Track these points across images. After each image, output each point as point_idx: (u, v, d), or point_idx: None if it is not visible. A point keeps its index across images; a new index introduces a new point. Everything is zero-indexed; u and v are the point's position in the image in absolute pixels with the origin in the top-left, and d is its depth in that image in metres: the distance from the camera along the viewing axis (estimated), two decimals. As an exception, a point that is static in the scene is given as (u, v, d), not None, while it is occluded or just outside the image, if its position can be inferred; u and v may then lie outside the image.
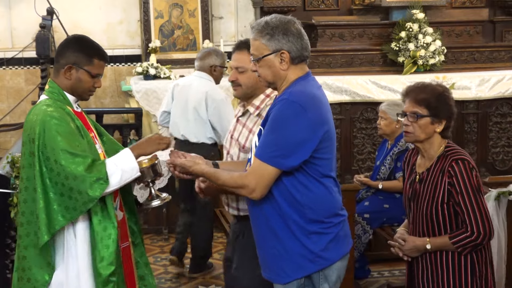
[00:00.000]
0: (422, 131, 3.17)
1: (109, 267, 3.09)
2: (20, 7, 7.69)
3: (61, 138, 3.02)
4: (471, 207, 3.07)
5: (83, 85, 3.18)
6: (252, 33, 2.83)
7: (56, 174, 3.02)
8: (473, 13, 7.79)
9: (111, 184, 3.05)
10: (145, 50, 7.55)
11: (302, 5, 7.64)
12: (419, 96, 3.18)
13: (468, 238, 3.06)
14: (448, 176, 3.09)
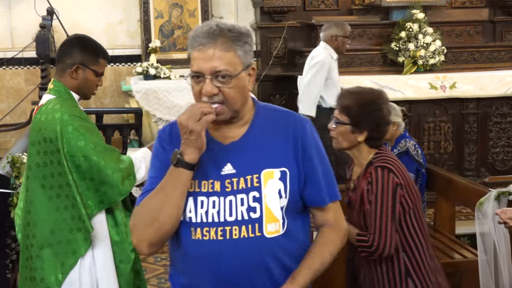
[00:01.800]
0: (344, 139, 3.08)
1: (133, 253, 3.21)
2: (20, 7, 7.69)
3: (87, 134, 3.07)
4: (374, 218, 2.95)
5: (89, 84, 3.22)
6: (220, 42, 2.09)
7: (86, 169, 3.06)
8: (473, 13, 7.80)
9: (137, 180, 3.14)
10: (145, 50, 7.55)
11: (302, 5, 7.65)
12: (344, 103, 3.07)
13: (365, 243, 2.97)
14: (367, 183, 3.00)
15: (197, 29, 2.12)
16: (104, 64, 3.28)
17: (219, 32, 2.10)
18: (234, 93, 2.10)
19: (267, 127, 2.20)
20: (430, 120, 6.99)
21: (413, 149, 4.95)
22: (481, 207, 4.05)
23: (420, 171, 4.97)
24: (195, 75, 2.10)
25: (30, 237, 3.16)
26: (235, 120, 2.17)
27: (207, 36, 2.09)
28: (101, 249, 3.15)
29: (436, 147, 7.01)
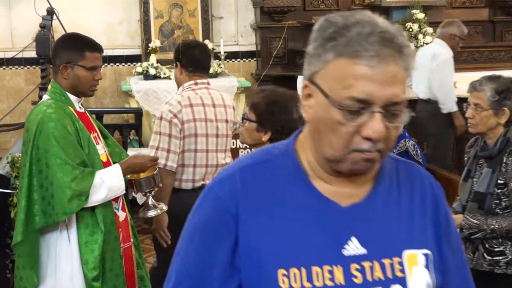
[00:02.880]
0: (248, 136, 2.94)
1: (92, 271, 3.07)
2: (20, 7, 7.69)
3: (55, 143, 3.00)
4: None
5: (83, 81, 3.15)
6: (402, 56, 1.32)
7: (44, 177, 3.01)
8: (473, 13, 7.81)
9: (90, 202, 3.03)
10: (145, 50, 7.55)
11: (302, 5, 7.66)
12: (253, 100, 2.95)
13: None
14: None
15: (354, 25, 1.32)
16: (92, 57, 3.14)
17: (402, 41, 1.31)
18: (396, 135, 1.35)
19: (397, 186, 1.46)
20: (430, 120, 6.98)
21: (413, 149, 4.95)
22: (481, 207, 4.05)
23: (420, 171, 4.97)
24: (357, 103, 1.29)
25: None
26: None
27: (384, 43, 1.29)
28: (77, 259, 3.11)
29: (436, 147, 7.01)
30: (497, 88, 3.13)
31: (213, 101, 3.84)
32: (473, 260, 3.22)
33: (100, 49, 3.20)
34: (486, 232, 3.09)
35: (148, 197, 3.31)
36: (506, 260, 3.12)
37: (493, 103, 3.13)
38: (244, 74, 7.94)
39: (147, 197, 3.31)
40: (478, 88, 3.19)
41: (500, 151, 3.14)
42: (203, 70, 3.84)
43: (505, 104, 3.12)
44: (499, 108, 3.13)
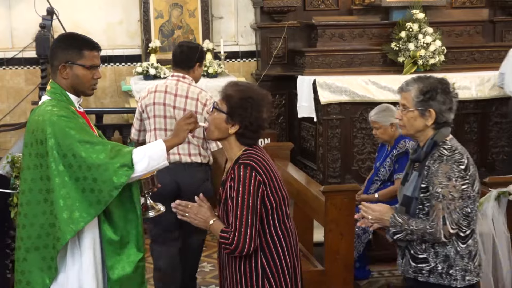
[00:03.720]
0: (215, 127, 3.03)
1: (139, 254, 3.13)
2: (20, 7, 7.69)
3: (74, 132, 3.01)
4: (235, 216, 2.93)
5: (82, 80, 3.16)
6: None
7: (77, 168, 3.00)
8: (473, 13, 7.81)
9: (136, 170, 3.02)
10: (145, 50, 7.55)
11: (302, 5, 7.65)
12: (227, 91, 3.03)
13: (226, 240, 2.95)
14: (231, 179, 2.97)
15: None
16: (91, 56, 3.15)
17: None
18: None
19: None
20: (430, 120, 6.99)
21: (413, 149, 4.95)
22: (481, 207, 4.04)
23: (420, 171, 4.97)
24: None
25: (19, 239, 3.15)
26: None
27: None
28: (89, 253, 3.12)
29: (436, 147, 7.00)
30: (422, 88, 3.08)
31: (176, 91, 4.62)
32: (402, 266, 3.21)
33: (98, 47, 3.20)
34: (406, 233, 3.04)
35: (147, 198, 3.32)
36: (429, 267, 3.08)
37: (418, 103, 3.07)
38: (244, 74, 7.94)
39: (145, 198, 3.32)
40: (405, 89, 3.14)
41: (427, 155, 3.08)
42: (179, 66, 4.71)
43: (430, 105, 3.07)
44: (425, 109, 3.07)
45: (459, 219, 3.00)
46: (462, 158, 3.03)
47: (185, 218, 3.08)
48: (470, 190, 3.02)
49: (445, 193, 2.97)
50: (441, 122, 3.09)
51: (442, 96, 3.07)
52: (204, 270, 5.52)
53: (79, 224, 3.02)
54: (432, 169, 3.02)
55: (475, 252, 3.11)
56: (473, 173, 3.05)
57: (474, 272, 3.09)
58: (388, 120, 5.02)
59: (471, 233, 3.08)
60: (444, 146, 3.06)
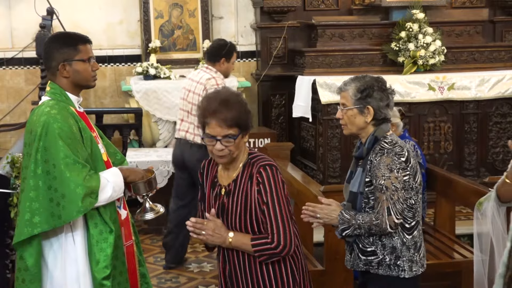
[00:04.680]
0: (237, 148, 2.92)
1: (104, 270, 3.09)
2: (20, 7, 7.69)
3: (62, 143, 3.01)
4: (274, 216, 2.88)
5: (83, 74, 3.19)
6: None
7: (53, 178, 3.00)
8: (473, 13, 7.80)
9: (99, 201, 3.06)
10: (145, 50, 7.55)
11: (302, 5, 7.65)
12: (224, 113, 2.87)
13: (268, 245, 2.88)
14: (257, 183, 2.90)
15: None
16: (86, 49, 3.18)
17: None
18: None
19: None
20: (430, 120, 6.99)
21: (413, 150, 4.95)
22: (481, 207, 4.03)
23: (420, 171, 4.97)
24: None
25: None
26: None
27: None
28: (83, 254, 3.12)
29: (436, 147, 7.01)
30: (359, 87, 3.17)
31: (195, 78, 5.53)
32: (350, 261, 3.28)
33: (90, 40, 3.27)
34: (354, 228, 3.12)
35: (146, 200, 3.33)
36: (378, 260, 3.16)
37: (356, 101, 3.16)
38: (244, 74, 7.94)
39: (144, 200, 3.33)
40: (343, 88, 3.23)
41: (369, 150, 3.17)
42: (207, 58, 5.63)
43: (368, 102, 3.15)
44: (363, 106, 3.15)
45: (403, 209, 3.10)
46: (403, 150, 3.12)
47: (201, 237, 2.95)
48: (412, 182, 3.12)
49: (388, 185, 3.07)
50: (380, 118, 3.18)
51: (379, 93, 3.17)
52: (204, 270, 5.52)
53: (35, 229, 3.02)
54: (374, 162, 3.12)
55: (420, 243, 3.22)
56: (414, 165, 3.14)
57: (420, 263, 3.22)
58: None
59: (416, 224, 3.18)
60: (385, 140, 3.16)
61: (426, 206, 5.11)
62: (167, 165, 6.24)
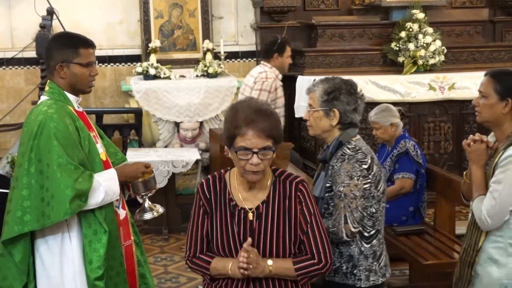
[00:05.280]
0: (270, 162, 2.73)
1: (97, 271, 3.08)
2: (20, 7, 7.69)
3: (57, 143, 3.00)
4: (319, 235, 2.74)
5: (80, 78, 3.17)
6: None
7: (45, 177, 3.00)
8: (473, 13, 7.80)
9: (88, 204, 3.05)
10: (145, 50, 7.54)
11: (302, 5, 7.65)
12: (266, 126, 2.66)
13: (314, 266, 2.73)
14: (299, 202, 2.74)
15: None
16: (87, 53, 3.16)
17: None
18: None
19: None
20: (430, 120, 6.99)
21: (413, 150, 4.95)
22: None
23: (420, 171, 4.97)
24: None
25: None
26: None
27: None
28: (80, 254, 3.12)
29: (436, 147, 7.01)
30: (327, 89, 3.10)
31: (251, 72, 6.23)
32: None
33: (93, 44, 3.22)
34: None
35: (145, 200, 3.33)
36: (334, 267, 3.07)
37: (322, 103, 3.09)
38: (244, 74, 7.91)
39: (143, 200, 3.33)
40: (311, 89, 3.17)
41: (333, 155, 3.10)
42: (262, 55, 6.44)
43: (334, 104, 3.08)
44: (329, 109, 3.08)
45: (362, 218, 3.03)
46: (365, 157, 3.05)
47: (248, 272, 2.67)
48: (374, 190, 3.04)
49: (346, 192, 3.00)
50: (346, 122, 3.11)
51: (346, 97, 3.09)
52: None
53: (25, 227, 3.02)
54: (335, 168, 3.05)
55: (380, 253, 3.13)
56: (376, 173, 3.07)
57: (380, 273, 3.12)
58: (388, 120, 5.02)
59: (376, 233, 3.11)
60: (348, 146, 3.08)
61: (426, 206, 5.11)
62: (167, 165, 6.24)
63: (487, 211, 3.02)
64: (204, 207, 2.79)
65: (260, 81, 5.95)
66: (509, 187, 3.00)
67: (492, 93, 3.14)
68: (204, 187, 2.80)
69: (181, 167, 6.33)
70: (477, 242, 3.14)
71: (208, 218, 2.78)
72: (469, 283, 3.17)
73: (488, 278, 3.11)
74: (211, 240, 2.78)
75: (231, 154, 2.70)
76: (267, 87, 5.97)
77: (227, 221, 2.75)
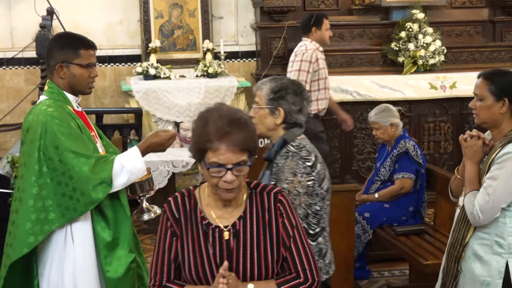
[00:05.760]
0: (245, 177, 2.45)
1: (130, 255, 3.15)
2: (20, 7, 7.69)
3: (64, 138, 3.02)
4: (303, 250, 2.50)
5: (79, 79, 3.17)
6: None
7: (61, 174, 3.01)
8: (473, 13, 7.80)
9: (114, 186, 3.06)
10: (145, 50, 7.54)
11: (302, 5, 7.64)
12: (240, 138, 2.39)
13: (300, 285, 2.47)
14: (280, 214, 2.48)
15: None
16: (87, 55, 3.17)
17: None
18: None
19: None
20: (430, 120, 6.99)
21: (413, 150, 4.95)
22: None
23: (420, 171, 4.97)
24: None
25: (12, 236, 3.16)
26: None
27: None
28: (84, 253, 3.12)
29: (436, 147, 7.01)
30: (274, 87, 3.11)
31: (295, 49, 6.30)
32: None
33: (94, 46, 3.22)
34: None
35: (142, 201, 3.33)
36: None
37: (268, 101, 3.10)
38: (244, 74, 7.94)
39: (141, 201, 3.33)
40: (258, 87, 3.19)
41: (277, 153, 3.10)
42: (301, 31, 6.39)
43: (280, 104, 3.09)
44: (274, 107, 3.09)
45: (307, 215, 3.03)
46: (309, 155, 3.06)
47: None
48: (317, 188, 3.05)
49: (290, 189, 2.99)
50: (290, 122, 3.12)
51: (292, 97, 3.10)
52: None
53: (53, 226, 3.05)
54: (279, 165, 3.06)
55: (325, 250, 3.15)
56: (320, 171, 3.08)
57: (324, 270, 3.13)
58: (388, 120, 5.03)
59: (321, 231, 3.12)
60: (292, 144, 3.09)
61: (426, 206, 5.12)
62: (167, 165, 6.24)
63: (480, 206, 3.03)
64: (173, 229, 2.49)
65: (300, 53, 6.10)
66: (504, 184, 3.01)
67: (487, 94, 3.16)
68: (172, 206, 2.50)
69: (181, 167, 6.33)
70: (464, 237, 3.16)
71: (177, 240, 2.48)
72: (455, 278, 3.18)
73: (470, 274, 3.14)
74: (182, 266, 2.47)
75: (201, 169, 2.42)
76: (307, 57, 6.08)
77: (199, 242, 2.44)
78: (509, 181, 3.01)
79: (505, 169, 3.02)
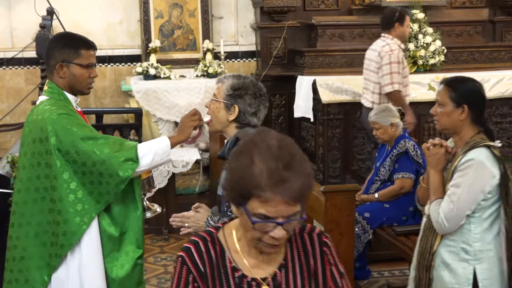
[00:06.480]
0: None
1: (138, 251, 3.14)
2: (20, 7, 7.69)
3: (76, 129, 3.04)
4: None
5: (79, 79, 3.18)
6: None
7: (81, 164, 3.03)
8: (473, 13, 7.81)
9: (141, 164, 3.06)
10: (145, 50, 7.55)
11: (302, 5, 7.65)
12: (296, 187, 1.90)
13: None
14: (327, 261, 2.04)
15: None
16: (88, 55, 3.18)
17: None
18: None
19: None
20: (430, 120, 6.99)
21: (412, 150, 4.95)
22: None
23: (420, 171, 4.97)
24: None
25: (14, 238, 3.16)
26: None
27: None
28: (89, 248, 3.13)
29: (436, 147, 7.00)
30: (235, 84, 3.09)
31: (373, 47, 6.18)
32: None
33: (94, 46, 3.23)
34: None
35: (143, 200, 3.33)
36: None
37: (226, 96, 3.07)
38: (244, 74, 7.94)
39: (141, 199, 3.33)
40: (221, 80, 3.16)
41: (230, 151, 3.09)
42: (381, 27, 6.24)
43: (237, 102, 3.07)
44: (231, 104, 3.07)
45: None
46: None
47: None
48: None
49: None
50: (243, 122, 3.08)
51: (250, 98, 3.07)
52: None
53: (92, 214, 3.07)
54: None
55: None
56: None
57: None
58: (388, 120, 5.03)
59: None
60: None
61: (426, 206, 5.12)
62: (167, 165, 6.24)
63: (444, 214, 3.05)
64: (197, 284, 1.93)
65: (387, 55, 5.96)
66: (467, 191, 3.03)
67: (448, 101, 3.17)
68: (195, 256, 1.95)
69: (181, 167, 6.33)
70: (432, 245, 3.17)
71: None
72: (429, 287, 3.19)
73: (440, 282, 3.15)
74: None
75: (238, 214, 1.92)
76: (395, 58, 5.95)
77: None
78: (472, 188, 3.03)
79: (468, 176, 3.04)
